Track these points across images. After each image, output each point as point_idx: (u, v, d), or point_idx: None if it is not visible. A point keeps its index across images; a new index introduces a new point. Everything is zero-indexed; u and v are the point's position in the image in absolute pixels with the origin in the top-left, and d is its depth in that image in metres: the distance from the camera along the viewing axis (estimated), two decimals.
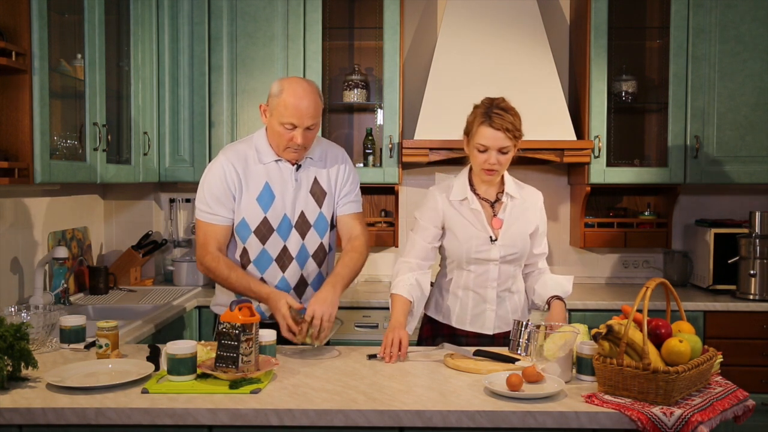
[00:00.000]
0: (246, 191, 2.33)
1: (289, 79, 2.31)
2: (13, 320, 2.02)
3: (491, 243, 2.37)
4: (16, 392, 1.80)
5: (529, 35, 3.62)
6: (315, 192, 2.40)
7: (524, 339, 2.05)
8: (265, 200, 2.34)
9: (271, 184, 2.35)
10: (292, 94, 2.23)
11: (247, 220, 2.34)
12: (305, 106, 2.22)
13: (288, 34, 3.53)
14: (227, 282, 2.31)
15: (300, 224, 2.37)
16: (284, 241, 2.36)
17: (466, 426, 1.70)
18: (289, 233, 2.36)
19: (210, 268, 2.31)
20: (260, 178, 2.34)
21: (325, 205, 2.42)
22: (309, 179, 2.40)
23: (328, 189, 2.43)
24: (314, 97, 2.26)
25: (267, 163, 2.35)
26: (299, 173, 2.38)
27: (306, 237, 2.39)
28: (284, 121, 2.23)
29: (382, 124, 3.66)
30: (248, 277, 2.32)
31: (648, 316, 1.77)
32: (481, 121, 2.34)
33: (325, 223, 2.43)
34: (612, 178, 3.57)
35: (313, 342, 2.18)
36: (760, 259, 3.40)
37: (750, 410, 1.84)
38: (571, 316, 3.35)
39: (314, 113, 2.25)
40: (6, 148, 2.34)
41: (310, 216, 2.39)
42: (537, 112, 3.53)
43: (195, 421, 1.70)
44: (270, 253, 2.36)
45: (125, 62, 3.16)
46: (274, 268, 2.37)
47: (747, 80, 3.52)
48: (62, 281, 2.96)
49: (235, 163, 2.33)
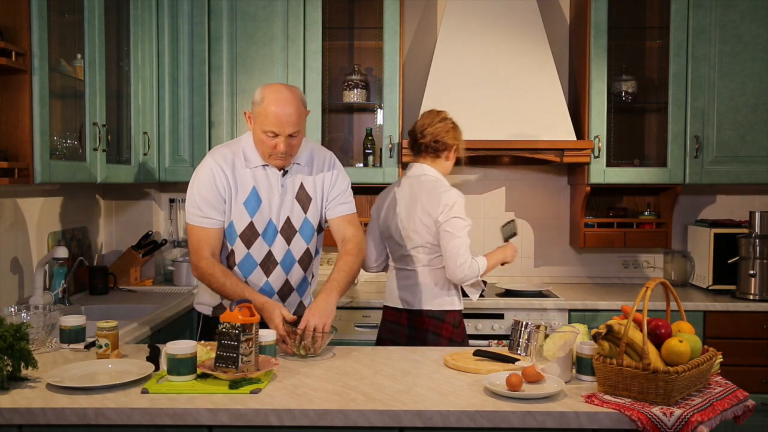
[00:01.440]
0: (234, 195, 2.31)
1: (272, 86, 2.28)
2: (13, 320, 2.02)
3: None
4: (16, 392, 1.80)
5: (529, 35, 3.62)
6: (301, 198, 2.39)
7: (524, 339, 2.05)
8: (251, 205, 2.33)
9: (258, 189, 2.34)
10: (274, 102, 2.21)
11: (234, 223, 2.33)
12: (287, 114, 2.21)
13: (288, 34, 3.53)
14: (222, 289, 2.28)
15: (285, 230, 2.37)
16: (269, 246, 2.36)
17: (466, 426, 1.70)
18: (274, 239, 2.36)
19: (205, 274, 2.29)
20: (248, 182, 2.33)
21: (310, 210, 2.40)
22: (295, 185, 2.39)
23: (314, 195, 2.41)
24: (296, 104, 2.24)
25: (254, 168, 2.34)
26: (285, 179, 2.37)
27: (291, 242, 2.38)
28: (266, 129, 2.22)
29: (382, 124, 3.66)
30: (243, 285, 2.29)
31: (648, 316, 1.78)
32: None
33: (311, 228, 2.42)
34: (612, 178, 3.57)
35: (307, 353, 2.16)
36: (760, 259, 3.40)
37: (750, 410, 1.84)
38: (571, 316, 3.36)
39: (296, 121, 2.23)
40: (6, 148, 2.34)
41: (295, 222, 2.38)
42: (537, 112, 3.53)
43: (195, 421, 1.70)
44: (255, 257, 2.35)
45: (125, 62, 3.16)
46: (259, 273, 2.36)
47: (747, 80, 3.52)
48: (62, 281, 2.96)
49: (223, 166, 2.32)
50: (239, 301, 1.91)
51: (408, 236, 2.72)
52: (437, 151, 2.77)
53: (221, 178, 2.30)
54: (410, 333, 2.74)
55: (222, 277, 2.27)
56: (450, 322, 2.72)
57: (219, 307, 2.42)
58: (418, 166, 2.80)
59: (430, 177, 2.76)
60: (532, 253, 3.99)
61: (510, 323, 3.06)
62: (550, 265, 3.99)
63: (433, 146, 2.76)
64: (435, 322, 2.71)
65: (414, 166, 2.82)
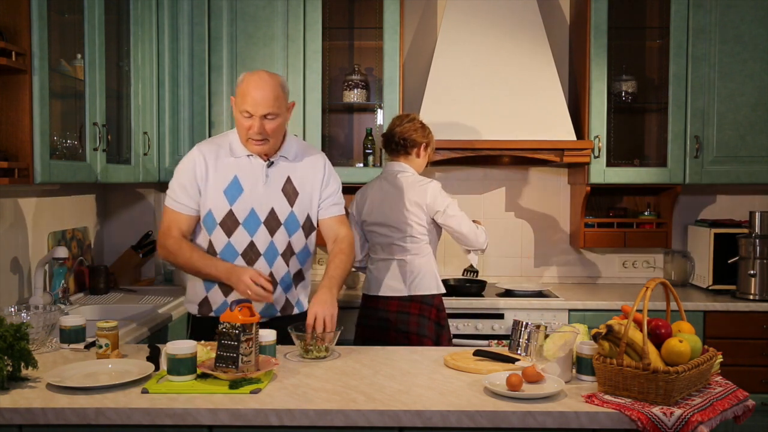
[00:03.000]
0: (213, 183, 2.34)
1: (254, 71, 2.35)
2: (13, 320, 2.02)
3: None
4: (16, 392, 1.80)
5: (529, 35, 3.62)
6: (287, 191, 2.40)
7: (524, 339, 2.05)
8: (232, 193, 2.35)
9: (240, 177, 2.37)
10: (252, 84, 2.28)
11: (213, 211, 2.35)
12: (261, 95, 2.26)
13: (288, 34, 3.53)
14: (189, 263, 2.31)
15: (269, 221, 2.37)
16: (251, 236, 2.36)
17: (466, 426, 1.70)
18: (256, 229, 2.36)
19: (172, 250, 2.33)
20: (230, 170, 2.37)
21: (297, 205, 2.41)
22: (281, 177, 2.40)
23: (302, 190, 2.43)
24: (273, 87, 2.28)
25: (238, 157, 2.38)
26: (271, 169, 2.39)
27: (275, 235, 2.38)
28: (242, 109, 2.28)
29: (382, 124, 3.66)
30: (210, 256, 2.34)
31: (648, 316, 1.78)
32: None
33: (296, 223, 2.42)
34: (612, 178, 3.57)
35: (321, 349, 2.15)
36: (760, 259, 3.40)
37: (750, 410, 1.84)
38: (571, 316, 3.36)
39: (272, 103, 2.27)
40: (6, 148, 2.34)
41: (280, 214, 2.39)
42: (537, 112, 3.53)
43: (195, 421, 1.70)
44: (235, 247, 2.36)
45: (125, 62, 3.16)
46: (240, 263, 2.36)
47: (747, 80, 3.52)
48: (62, 281, 2.96)
49: (206, 154, 2.37)
50: (239, 301, 1.91)
51: (398, 227, 2.94)
52: (407, 149, 3.01)
53: (201, 167, 2.35)
54: (399, 318, 2.92)
55: (189, 251, 2.32)
56: (436, 305, 2.96)
57: (204, 302, 2.42)
58: (394, 164, 3.05)
59: (407, 173, 3.01)
60: (532, 253, 3.99)
61: (510, 323, 3.06)
62: (550, 265, 3.99)
63: (402, 144, 3.00)
64: (424, 306, 2.94)
65: (390, 164, 3.08)
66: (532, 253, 3.99)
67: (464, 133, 3.48)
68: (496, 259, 3.96)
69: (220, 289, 2.37)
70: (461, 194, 3.90)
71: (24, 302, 2.77)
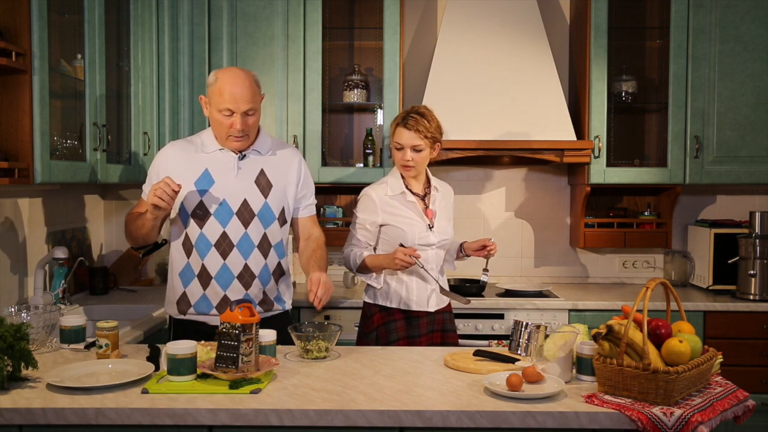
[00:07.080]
0: (184, 177, 2.34)
1: (225, 68, 2.38)
2: (13, 320, 2.02)
3: (429, 230, 2.69)
4: (16, 392, 1.80)
5: (529, 35, 3.62)
6: (260, 183, 2.42)
7: (524, 339, 2.05)
8: (202, 184, 2.38)
9: (211, 170, 2.39)
10: (227, 81, 2.29)
11: (185, 203, 2.38)
12: (240, 92, 2.28)
13: (288, 34, 3.53)
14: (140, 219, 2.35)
15: (242, 212, 2.38)
16: (223, 227, 2.37)
17: (466, 426, 1.70)
18: (229, 220, 2.37)
19: (128, 220, 2.44)
20: (200, 164, 2.40)
21: (271, 196, 2.43)
22: (254, 169, 2.42)
23: (276, 183, 2.44)
24: (249, 82, 2.31)
25: (210, 153, 2.41)
26: (242, 162, 2.41)
27: (249, 226, 2.39)
28: (221, 107, 2.29)
29: (382, 124, 3.66)
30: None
31: (648, 316, 1.78)
32: (398, 123, 2.68)
33: (271, 214, 2.43)
34: (612, 178, 3.57)
35: (321, 349, 2.17)
36: (760, 259, 3.40)
37: (750, 410, 1.84)
38: (571, 316, 3.36)
39: (250, 99, 2.30)
40: (6, 148, 2.34)
41: (254, 205, 2.40)
42: (537, 112, 3.54)
43: (195, 421, 1.70)
44: (208, 237, 2.37)
45: (125, 62, 3.16)
46: (214, 254, 2.37)
47: (747, 80, 3.52)
48: (62, 281, 2.96)
49: (178, 151, 2.42)
50: (239, 301, 1.91)
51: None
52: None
53: (167, 163, 2.40)
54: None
55: (136, 214, 2.40)
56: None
57: (182, 299, 2.42)
58: None
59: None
60: (532, 253, 3.99)
61: (510, 323, 3.06)
62: (550, 265, 3.99)
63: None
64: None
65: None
66: (532, 253, 3.99)
67: (464, 134, 3.48)
68: (496, 259, 3.95)
69: (199, 282, 2.39)
70: (461, 194, 3.90)
71: (24, 302, 2.77)
